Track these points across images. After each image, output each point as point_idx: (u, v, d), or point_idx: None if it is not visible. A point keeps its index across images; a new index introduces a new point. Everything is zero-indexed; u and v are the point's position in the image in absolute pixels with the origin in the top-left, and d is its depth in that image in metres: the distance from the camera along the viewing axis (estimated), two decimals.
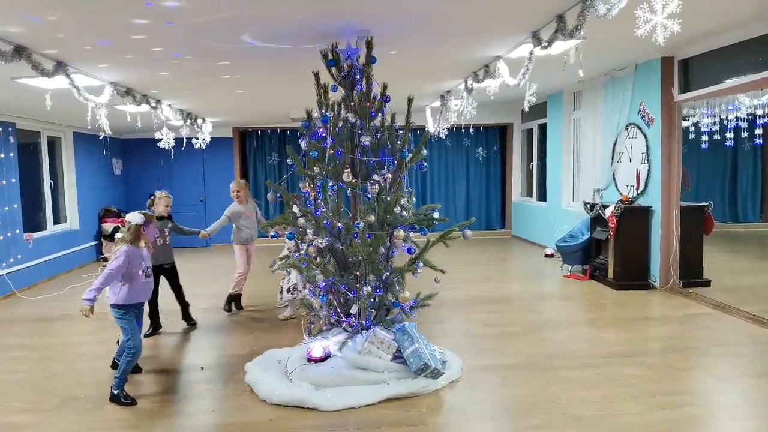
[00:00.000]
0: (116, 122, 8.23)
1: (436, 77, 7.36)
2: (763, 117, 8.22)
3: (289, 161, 4.42)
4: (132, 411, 3.95)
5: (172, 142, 8.52)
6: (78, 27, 4.18)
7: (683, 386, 4.14)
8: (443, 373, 4.25)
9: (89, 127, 5.83)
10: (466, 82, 7.11)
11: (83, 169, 10.51)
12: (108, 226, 10.71)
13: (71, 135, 10.18)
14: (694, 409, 3.76)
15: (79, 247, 10.17)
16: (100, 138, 6.63)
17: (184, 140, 9.65)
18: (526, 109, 5.43)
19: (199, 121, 10.06)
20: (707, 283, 6.93)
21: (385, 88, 4.29)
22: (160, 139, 8.45)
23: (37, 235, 8.83)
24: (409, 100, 4.46)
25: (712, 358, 4.73)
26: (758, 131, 9.47)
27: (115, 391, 4.08)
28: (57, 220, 9.84)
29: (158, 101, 7.60)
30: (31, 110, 7.93)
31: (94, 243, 10.73)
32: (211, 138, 10.87)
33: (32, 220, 8.98)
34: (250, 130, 12.72)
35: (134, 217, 4.31)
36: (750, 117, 8.64)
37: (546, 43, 4.53)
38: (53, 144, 9.89)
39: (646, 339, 5.27)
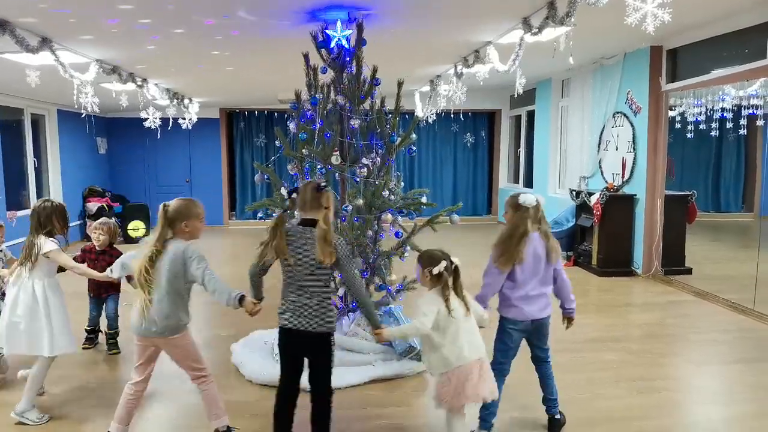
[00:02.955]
0: (101, 101, 8.10)
1: (426, 61, 7.33)
2: (748, 108, 8.30)
3: (277, 143, 4.39)
4: (116, 392, 3.94)
5: (158, 122, 8.43)
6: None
7: (663, 371, 4.22)
8: None
9: (75, 106, 5.71)
10: (456, 67, 7.10)
11: (67, 147, 10.36)
12: (92, 206, 10.59)
13: (55, 113, 10.02)
14: (673, 394, 3.84)
15: None
16: (83, 116, 6.48)
17: (171, 120, 9.54)
18: (516, 95, 5.44)
19: (186, 101, 9.95)
20: (689, 271, 7.04)
21: (375, 71, 4.27)
22: (146, 119, 8.34)
23: (20, 213, 8.71)
24: (399, 84, 4.44)
25: (692, 345, 4.83)
26: (743, 122, 9.57)
27: None
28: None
29: (144, 80, 7.50)
30: (15, 87, 7.78)
31: (78, 222, 10.60)
32: (198, 118, 10.77)
33: (15, 199, 8.86)
34: (237, 111, 12.60)
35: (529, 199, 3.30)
36: (735, 108, 8.72)
37: (536, 30, 4.53)
38: (37, 122, 9.73)
39: (628, 325, 5.35)
